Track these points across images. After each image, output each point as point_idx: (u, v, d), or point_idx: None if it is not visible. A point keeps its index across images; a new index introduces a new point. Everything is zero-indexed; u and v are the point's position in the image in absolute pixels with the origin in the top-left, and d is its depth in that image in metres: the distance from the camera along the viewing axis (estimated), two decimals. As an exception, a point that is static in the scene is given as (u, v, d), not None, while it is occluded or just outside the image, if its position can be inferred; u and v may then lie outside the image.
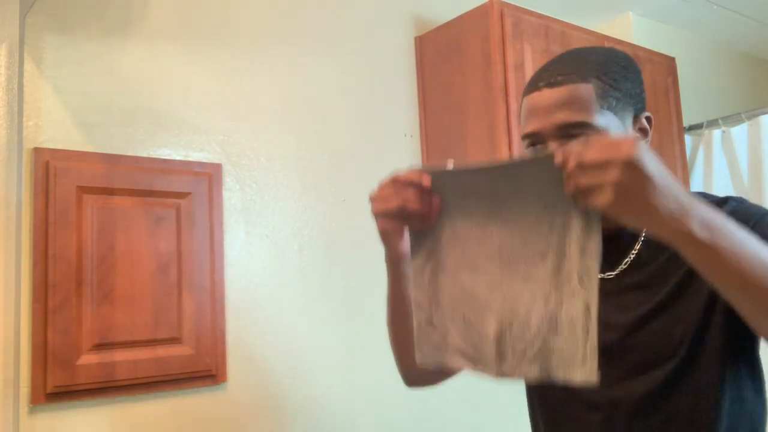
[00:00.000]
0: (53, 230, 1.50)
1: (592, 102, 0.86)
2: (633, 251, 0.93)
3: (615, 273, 0.94)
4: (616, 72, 0.89)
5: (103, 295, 1.54)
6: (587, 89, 0.86)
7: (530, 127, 0.90)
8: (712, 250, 0.66)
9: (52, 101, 1.56)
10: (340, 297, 1.97)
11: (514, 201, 0.81)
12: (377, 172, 2.12)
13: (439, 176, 0.84)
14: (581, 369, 0.76)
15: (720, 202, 0.90)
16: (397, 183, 0.85)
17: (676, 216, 0.65)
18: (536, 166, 0.76)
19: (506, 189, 0.80)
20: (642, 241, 0.93)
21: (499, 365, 0.82)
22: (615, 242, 0.93)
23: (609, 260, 0.92)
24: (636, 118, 0.92)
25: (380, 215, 0.88)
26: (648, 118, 0.93)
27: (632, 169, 0.63)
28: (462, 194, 0.85)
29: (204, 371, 1.66)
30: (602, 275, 0.94)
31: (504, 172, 0.80)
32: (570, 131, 0.86)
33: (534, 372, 0.79)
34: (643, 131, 0.94)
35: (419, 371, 1.05)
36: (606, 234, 0.78)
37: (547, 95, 0.88)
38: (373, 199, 0.88)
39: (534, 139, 0.90)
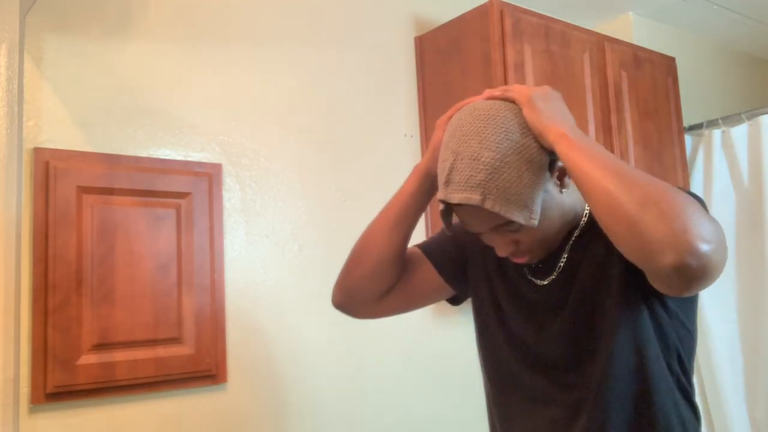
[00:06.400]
0: (53, 230, 1.49)
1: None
2: (563, 258, 1.06)
3: (549, 280, 1.08)
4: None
5: (103, 295, 1.54)
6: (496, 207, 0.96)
7: (467, 228, 1.03)
8: (579, 149, 0.90)
9: (52, 101, 1.56)
10: (340, 297, 1.96)
11: None
12: (377, 172, 2.13)
13: None
14: (520, 212, 0.92)
15: None
16: None
17: (555, 121, 0.93)
18: None
19: None
20: (569, 247, 1.06)
21: (445, 189, 0.96)
22: (546, 258, 1.08)
23: (544, 264, 1.08)
24: (550, 169, 0.99)
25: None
26: (555, 161, 1.00)
27: (540, 93, 0.97)
28: None
29: (204, 371, 1.66)
30: (537, 281, 1.09)
31: None
32: (502, 229, 0.99)
33: (475, 198, 0.92)
34: (562, 171, 1.00)
35: (369, 291, 1.17)
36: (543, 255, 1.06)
37: (468, 213, 0.98)
38: (442, 117, 1.06)
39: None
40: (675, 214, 0.80)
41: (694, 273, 0.80)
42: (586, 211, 1.07)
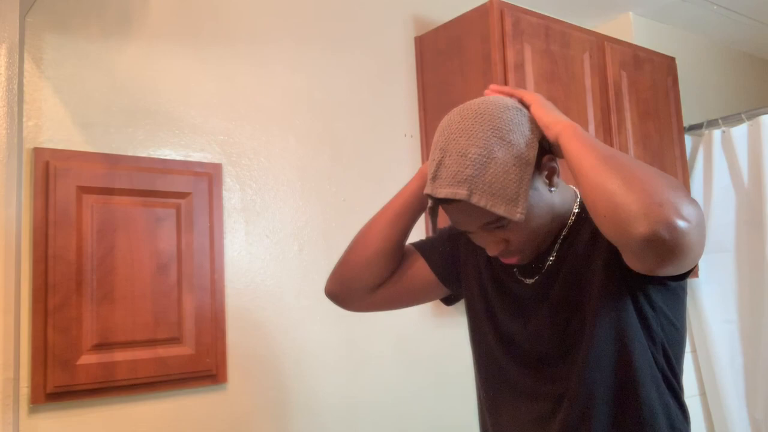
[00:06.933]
0: (53, 230, 1.49)
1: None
2: (551, 256, 1.07)
3: (535, 278, 1.09)
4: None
5: (103, 295, 1.54)
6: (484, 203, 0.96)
7: (457, 226, 1.04)
8: (580, 139, 0.93)
9: (52, 101, 1.56)
10: (340, 297, 1.96)
11: None
12: (377, 172, 2.13)
13: None
14: (507, 206, 0.92)
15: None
16: None
17: (564, 118, 0.98)
18: None
19: None
20: (558, 245, 1.07)
21: (432, 184, 0.97)
22: (535, 257, 1.08)
23: (533, 261, 1.09)
24: (538, 168, 0.99)
25: None
26: (550, 158, 1.01)
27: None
28: None
29: (204, 371, 1.66)
30: (525, 279, 1.10)
31: None
32: (491, 226, 0.99)
33: (462, 192, 0.92)
34: (551, 170, 1.02)
35: (363, 283, 1.19)
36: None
37: (457, 210, 0.98)
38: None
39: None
40: (655, 190, 0.83)
41: (666, 246, 0.81)
42: (575, 211, 1.08)
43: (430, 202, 1.00)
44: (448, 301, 1.30)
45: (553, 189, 1.02)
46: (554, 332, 1.05)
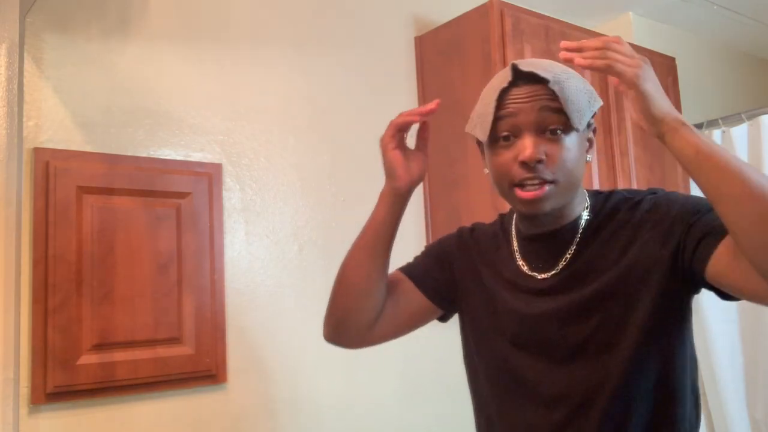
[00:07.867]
0: (53, 230, 1.50)
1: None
2: (568, 253, 1.03)
3: (551, 273, 1.04)
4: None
5: (103, 295, 1.54)
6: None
7: (512, 120, 0.99)
8: (698, 139, 0.88)
9: (52, 101, 1.56)
10: (340, 297, 1.97)
11: None
12: (377, 172, 2.12)
13: None
14: (574, 109, 0.95)
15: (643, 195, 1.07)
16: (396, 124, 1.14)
17: (673, 110, 0.91)
18: None
19: None
20: (576, 242, 1.03)
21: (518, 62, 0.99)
22: (551, 243, 1.04)
23: (545, 261, 1.05)
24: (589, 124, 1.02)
25: (386, 144, 1.16)
26: (594, 129, 1.05)
27: (648, 70, 0.93)
28: None
29: (204, 371, 1.66)
30: (538, 275, 1.06)
31: None
32: (546, 121, 0.97)
33: (546, 75, 0.95)
34: (590, 140, 1.04)
35: (358, 320, 1.15)
36: (543, 233, 1.04)
37: (525, 95, 0.98)
38: (383, 136, 1.16)
39: (513, 131, 0.99)
40: None
41: None
42: (588, 204, 1.06)
43: (507, 81, 0.99)
44: (442, 319, 1.28)
45: (589, 157, 1.03)
46: (578, 338, 1.00)
